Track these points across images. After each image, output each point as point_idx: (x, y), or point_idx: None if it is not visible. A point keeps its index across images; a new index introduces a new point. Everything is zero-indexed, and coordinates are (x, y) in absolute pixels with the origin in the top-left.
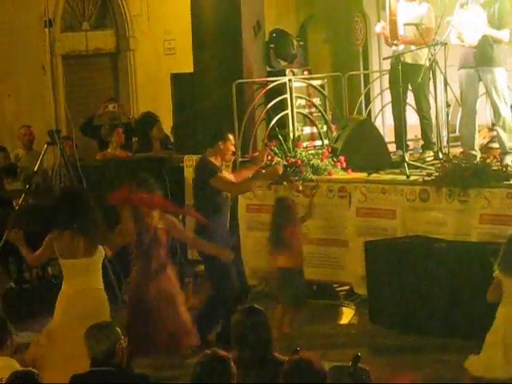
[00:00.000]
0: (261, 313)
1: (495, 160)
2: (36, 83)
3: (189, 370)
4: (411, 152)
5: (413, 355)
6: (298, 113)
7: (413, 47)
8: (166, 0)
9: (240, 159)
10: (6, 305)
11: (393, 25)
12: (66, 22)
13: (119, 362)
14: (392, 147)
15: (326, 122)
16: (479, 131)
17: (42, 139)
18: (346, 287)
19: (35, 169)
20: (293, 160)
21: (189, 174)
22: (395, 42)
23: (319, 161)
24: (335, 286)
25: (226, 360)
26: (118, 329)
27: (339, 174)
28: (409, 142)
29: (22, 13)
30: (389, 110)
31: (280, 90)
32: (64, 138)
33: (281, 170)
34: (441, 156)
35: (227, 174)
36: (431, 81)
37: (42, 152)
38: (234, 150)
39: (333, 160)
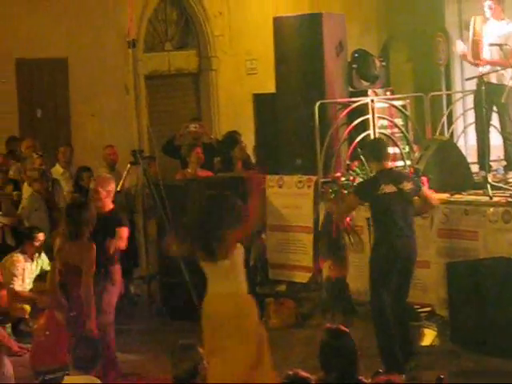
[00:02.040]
0: (347, 335)
1: None
2: (119, 103)
3: None
4: (494, 173)
5: (494, 378)
6: (380, 133)
7: (498, 67)
8: (248, 20)
9: (322, 179)
10: None
11: (475, 46)
12: (148, 42)
13: (201, 382)
14: (475, 168)
15: (409, 143)
16: None
17: (125, 159)
18: (428, 308)
19: (118, 188)
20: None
21: (270, 193)
22: (477, 62)
23: None
24: (417, 307)
25: (308, 381)
26: (201, 349)
27: None
28: (492, 163)
29: (105, 34)
30: (471, 130)
31: (362, 110)
32: (147, 158)
33: None
34: None
35: None
36: None
37: (125, 172)
38: None
39: None
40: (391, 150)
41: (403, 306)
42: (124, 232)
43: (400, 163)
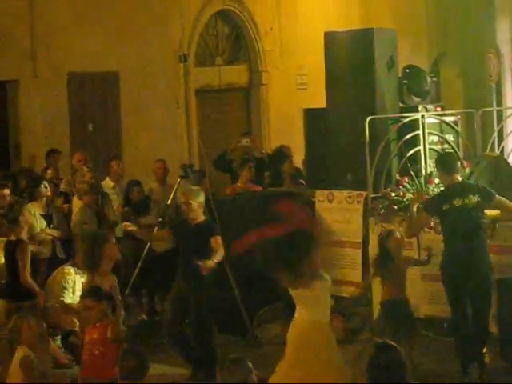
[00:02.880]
0: (394, 350)
1: None
2: (169, 117)
3: None
4: None
5: None
6: (430, 149)
7: None
8: (299, 35)
9: (372, 195)
10: (137, 336)
11: None
12: (199, 56)
13: None
14: None
15: (459, 159)
16: None
17: (175, 173)
18: None
19: (168, 202)
20: (425, 196)
21: (320, 208)
22: None
23: None
24: None
25: None
26: (249, 363)
27: None
28: None
29: (156, 48)
30: None
31: (413, 125)
32: (197, 173)
33: None
34: None
35: None
36: None
37: (175, 186)
38: None
39: None
40: None
41: (478, 323)
42: (219, 240)
43: None
